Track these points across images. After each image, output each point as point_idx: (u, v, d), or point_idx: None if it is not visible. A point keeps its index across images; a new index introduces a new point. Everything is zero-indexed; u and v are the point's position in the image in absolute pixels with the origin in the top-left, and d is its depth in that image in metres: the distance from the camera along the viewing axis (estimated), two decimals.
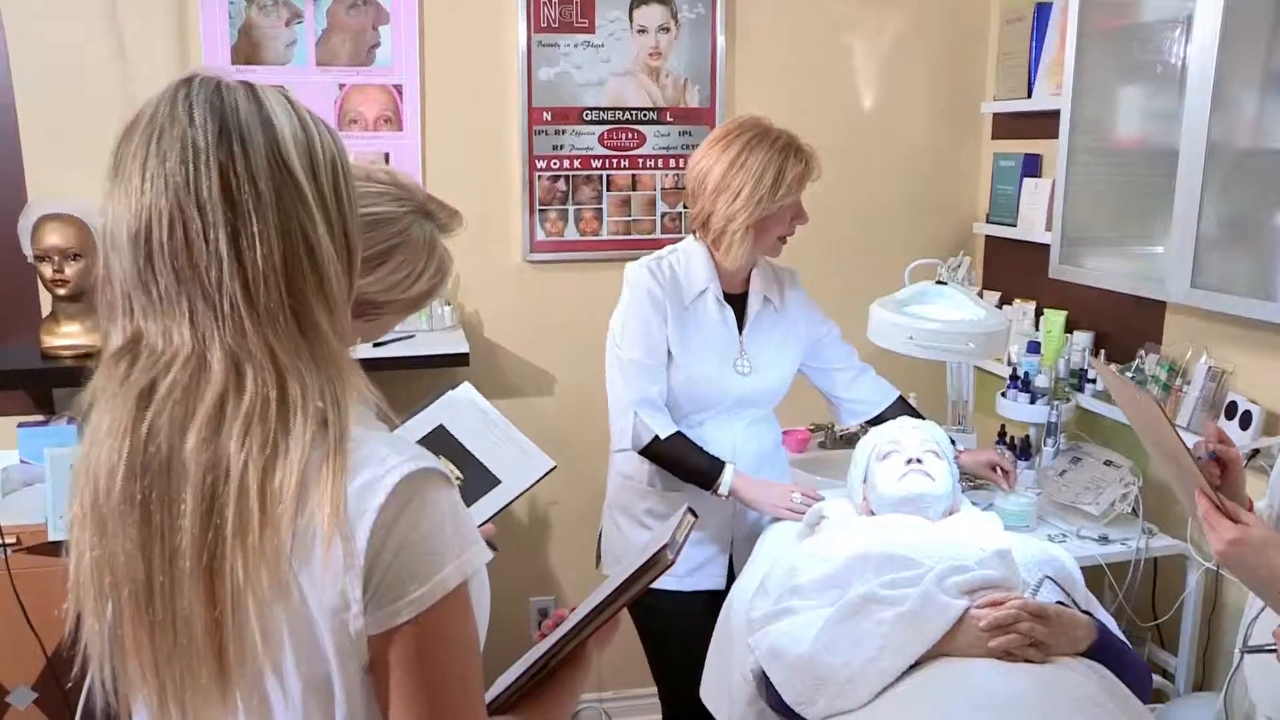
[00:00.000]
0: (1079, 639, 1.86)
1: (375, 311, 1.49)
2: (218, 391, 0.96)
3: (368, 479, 0.97)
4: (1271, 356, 2.38)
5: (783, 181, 2.27)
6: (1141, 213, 2.49)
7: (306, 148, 1.01)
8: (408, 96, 3.04)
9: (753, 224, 2.31)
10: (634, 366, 2.37)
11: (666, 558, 1.13)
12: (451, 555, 0.99)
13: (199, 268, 0.96)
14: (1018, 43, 3.16)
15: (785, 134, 2.33)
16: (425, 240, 1.50)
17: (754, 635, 1.98)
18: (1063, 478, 2.69)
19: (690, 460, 2.36)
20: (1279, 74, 2.18)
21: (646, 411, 2.34)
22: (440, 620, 0.98)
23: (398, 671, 0.98)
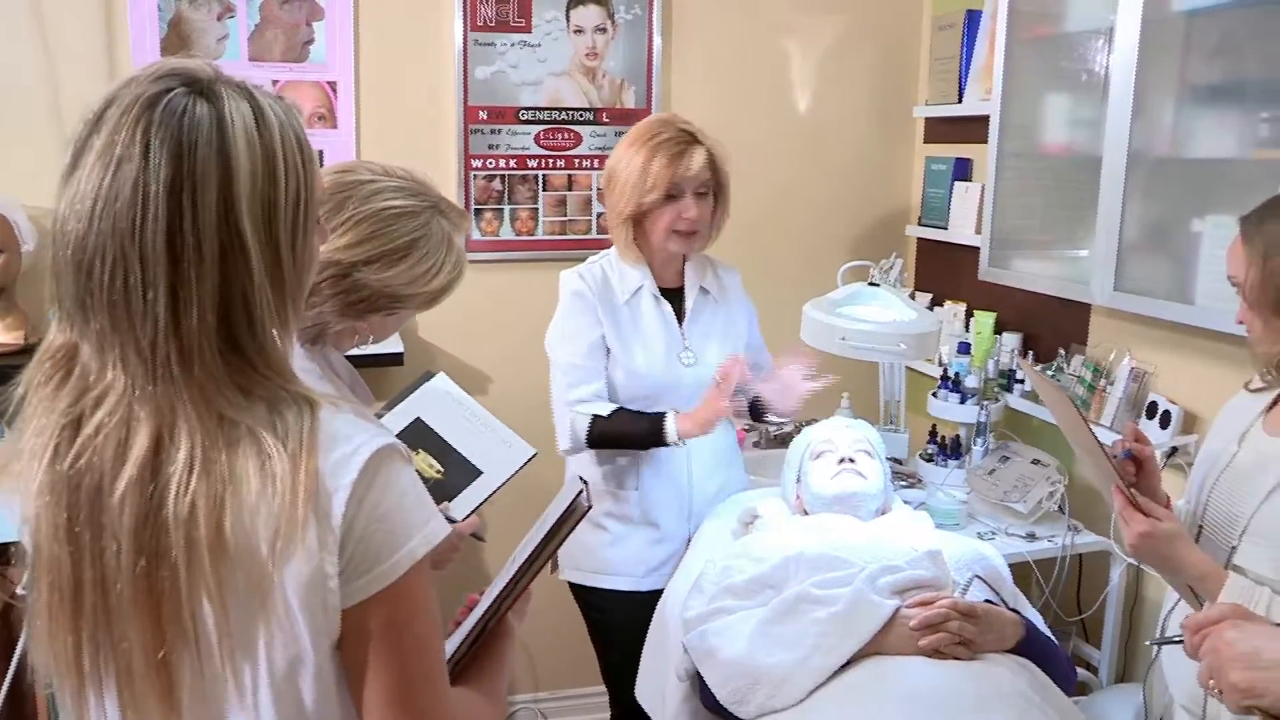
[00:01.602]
0: (1007, 636, 1.91)
1: (396, 306, 1.53)
2: (148, 446, 0.96)
3: (339, 457, 0.99)
4: (1190, 358, 2.45)
5: (648, 176, 2.29)
6: (1068, 217, 2.55)
7: (265, 195, 0.99)
8: (342, 94, 3.01)
9: (630, 218, 2.36)
10: (567, 369, 2.40)
11: (583, 504, 1.17)
12: (417, 527, 1.02)
13: (134, 323, 0.95)
14: (949, 48, 3.21)
15: (668, 130, 2.33)
16: (444, 235, 1.54)
17: (688, 635, 1.99)
18: (992, 476, 2.74)
19: (634, 427, 2.35)
20: (1195, 86, 2.25)
21: (584, 407, 2.36)
22: (408, 590, 1.01)
23: (370, 642, 1.00)
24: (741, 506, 2.40)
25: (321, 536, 0.97)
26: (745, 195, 3.23)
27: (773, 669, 1.83)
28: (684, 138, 2.32)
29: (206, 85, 0.99)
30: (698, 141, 2.34)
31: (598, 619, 2.56)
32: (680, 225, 2.33)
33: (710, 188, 2.38)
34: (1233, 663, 1.19)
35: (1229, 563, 1.72)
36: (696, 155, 2.31)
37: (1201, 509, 1.82)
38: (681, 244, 2.37)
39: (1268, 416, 1.78)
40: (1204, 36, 2.21)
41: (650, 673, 2.30)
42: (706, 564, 2.18)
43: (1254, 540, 1.69)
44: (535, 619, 3.48)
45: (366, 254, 1.48)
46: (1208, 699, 1.32)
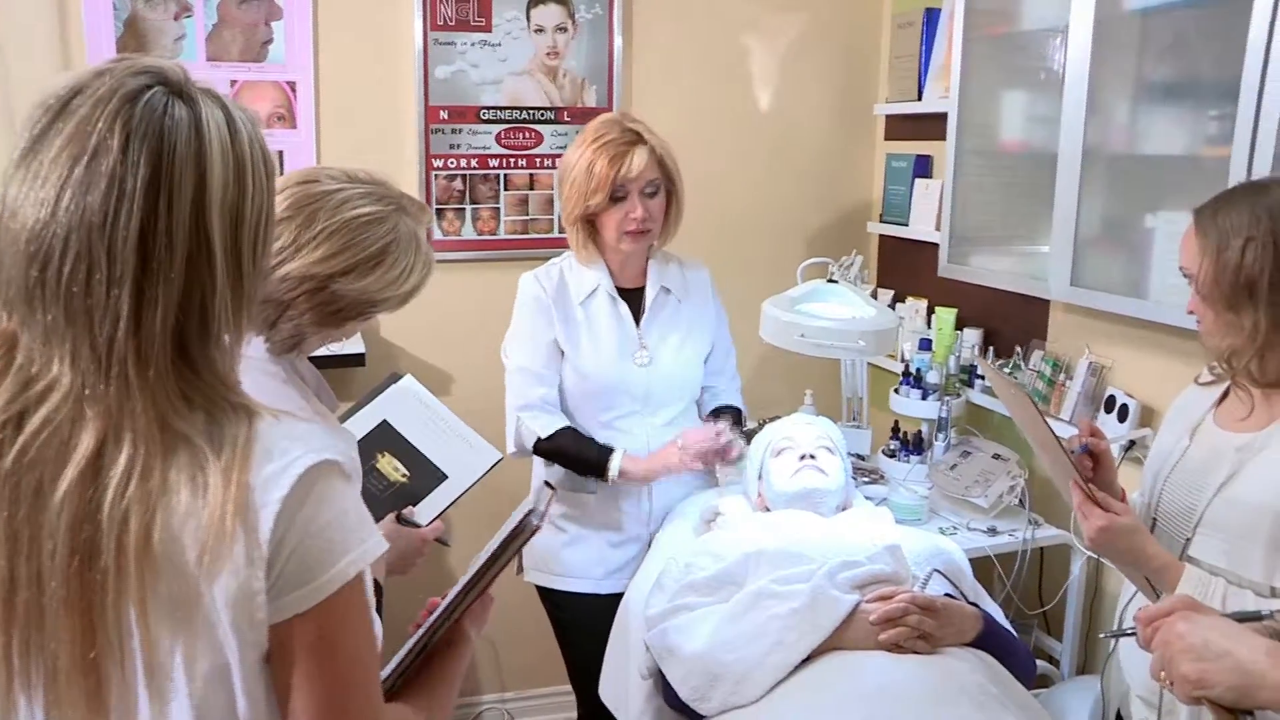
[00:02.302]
0: (966, 630, 1.92)
1: (373, 310, 1.53)
2: (92, 448, 0.95)
3: (271, 471, 0.97)
4: (1146, 352, 2.48)
5: (592, 178, 2.29)
6: (1026, 213, 2.57)
7: (234, 203, 0.99)
8: (302, 94, 2.99)
9: (580, 218, 2.37)
10: (518, 373, 2.42)
11: (532, 523, 1.16)
12: (352, 545, 1.00)
13: (93, 319, 0.94)
14: (908, 46, 3.23)
15: (612, 131, 2.32)
16: (411, 235, 1.54)
17: (650, 632, 2.00)
18: (953, 471, 2.76)
19: (578, 452, 2.38)
20: (1148, 84, 2.27)
21: (529, 414, 2.38)
22: (340, 608, 1.00)
23: (299, 659, 0.99)
24: (704, 504, 2.40)
25: (249, 551, 0.95)
26: (707, 194, 3.25)
27: (733, 665, 1.84)
28: (627, 137, 2.31)
29: (182, 87, 0.99)
30: (641, 141, 2.32)
31: (560, 619, 2.56)
32: (628, 226, 2.33)
33: (659, 185, 2.37)
34: (1183, 654, 1.20)
35: (1183, 554, 1.74)
36: (638, 155, 2.29)
37: (1155, 502, 1.84)
38: (633, 244, 2.37)
39: (1218, 410, 1.80)
40: (1155, 35, 2.24)
41: (614, 671, 2.30)
42: (668, 562, 2.18)
43: (1207, 532, 1.71)
44: (501, 619, 3.49)
45: (342, 265, 1.48)
46: (1163, 689, 1.33)
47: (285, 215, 1.48)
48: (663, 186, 2.38)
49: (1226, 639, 1.19)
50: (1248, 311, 1.65)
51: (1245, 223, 1.64)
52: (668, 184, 2.40)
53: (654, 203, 2.36)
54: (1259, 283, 1.63)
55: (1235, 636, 1.19)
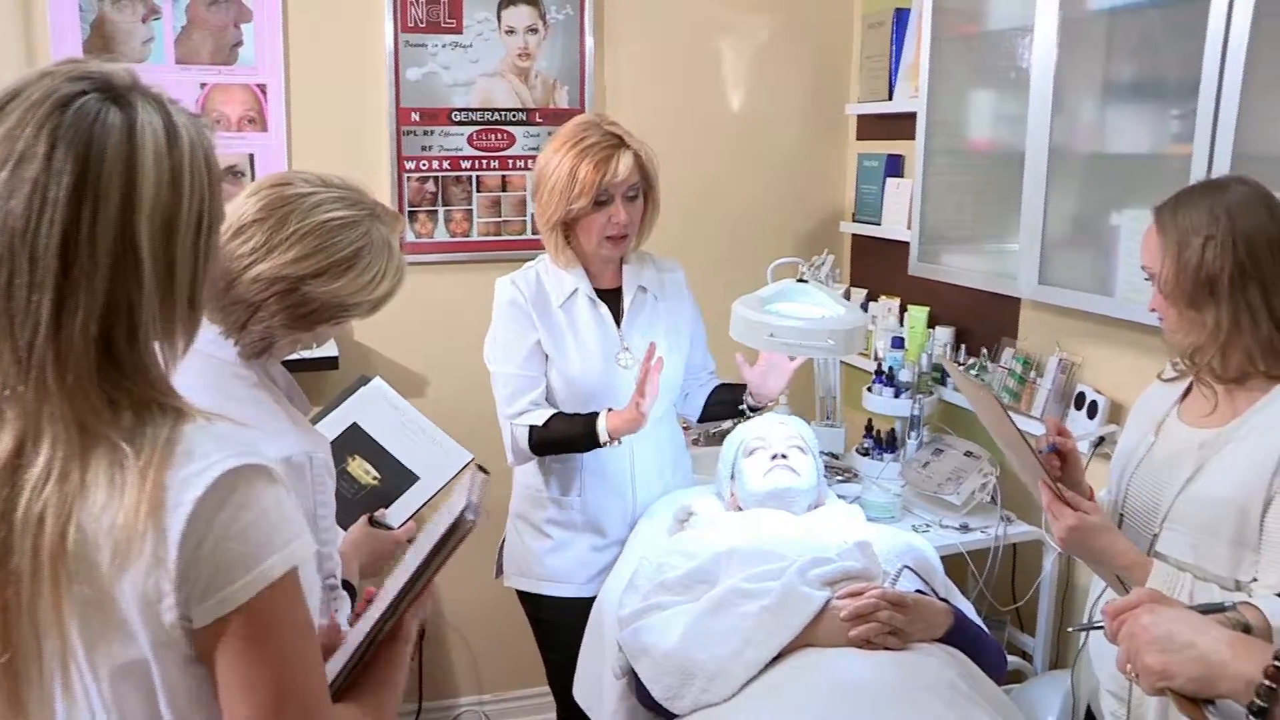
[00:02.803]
0: (937, 625, 1.93)
1: (344, 314, 1.53)
2: (10, 449, 0.95)
3: (189, 473, 0.97)
4: (1114, 349, 2.50)
5: (575, 182, 2.26)
6: (995, 212, 2.59)
7: (167, 211, 0.98)
8: (273, 96, 2.98)
9: (560, 223, 2.34)
10: (505, 381, 2.38)
11: (467, 521, 1.15)
12: (276, 546, 1.00)
13: (14, 323, 0.94)
14: (879, 46, 3.25)
15: (594, 134, 2.30)
16: (383, 241, 1.54)
17: (622, 632, 2.00)
18: (926, 469, 2.77)
19: (569, 430, 2.33)
20: (1112, 83, 2.29)
21: (521, 419, 2.35)
22: (268, 610, 0.99)
23: (231, 662, 0.99)
24: (677, 504, 2.40)
25: (157, 552, 0.95)
26: (680, 194, 3.25)
27: (705, 663, 1.84)
28: (611, 141, 2.29)
29: (122, 92, 0.98)
30: (625, 145, 2.30)
31: (541, 624, 2.56)
32: (611, 230, 2.31)
33: (640, 189, 2.35)
34: (1148, 646, 1.22)
35: (1151, 550, 1.75)
36: (624, 159, 2.27)
37: (1122, 499, 1.86)
38: (613, 249, 2.35)
39: (1182, 405, 1.82)
40: (1119, 34, 2.26)
41: (587, 672, 2.30)
42: (641, 561, 2.18)
43: (1174, 528, 1.72)
44: (479, 621, 3.51)
45: (313, 267, 1.47)
46: (1131, 683, 1.34)
47: (258, 217, 1.48)
48: (641, 189, 2.36)
49: (1190, 630, 1.20)
50: (1209, 309, 1.67)
51: (1205, 221, 1.66)
52: (646, 186, 2.38)
53: (634, 207, 2.34)
54: (1219, 280, 1.64)
55: (1198, 628, 1.21)
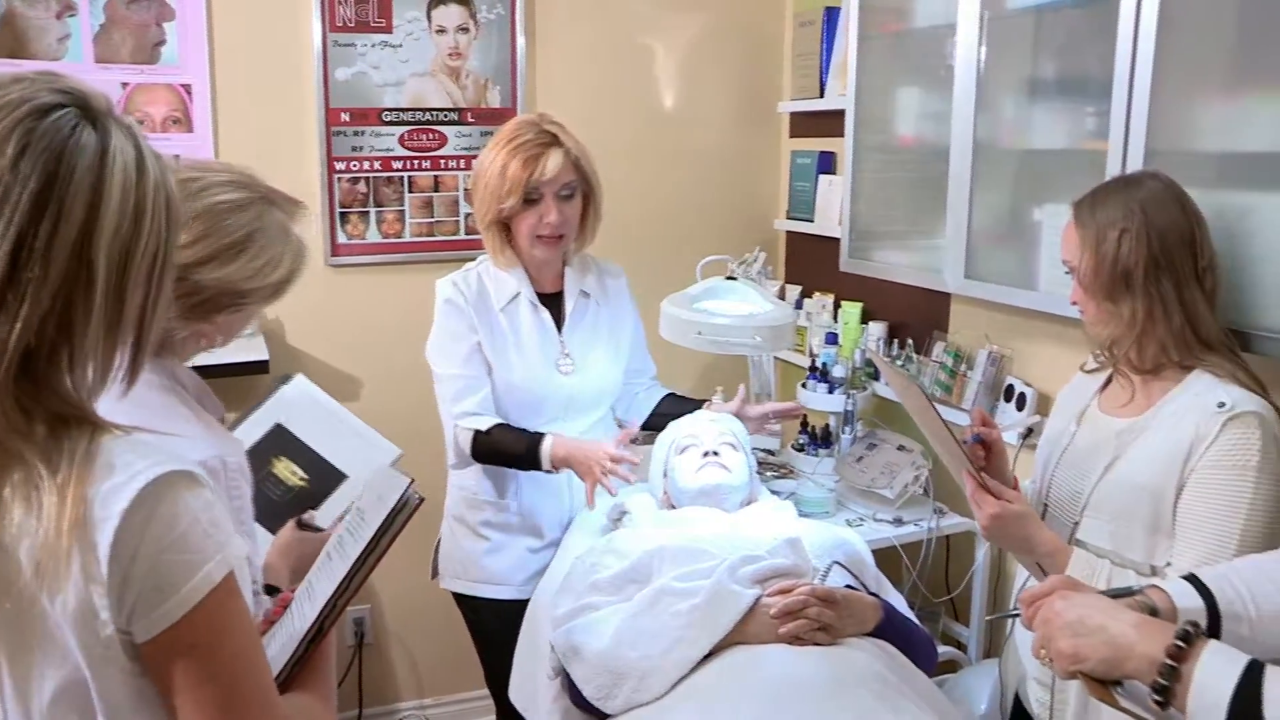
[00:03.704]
0: (866, 620, 1.95)
1: (241, 301, 1.48)
2: None
3: (111, 486, 0.96)
4: (1039, 342, 2.54)
5: (505, 180, 2.25)
6: (923, 208, 2.61)
7: (126, 242, 0.98)
8: (198, 96, 2.94)
9: (495, 223, 2.33)
10: (450, 380, 2.36)
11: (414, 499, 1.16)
12: (212, 550, 1.00)
13: None
14: (809, 44, 3.27)
15: (529, 133, 2.28)
16: (280, 225, 1.50)
17: (555, 633, 2.00)
18: (860, 464, 2.79)
19: (512, 447, 2.31)
20: (1034, 81, 2.32)
21: (466, 422, 2.33)
22: (212, 615, 0.99)
23: (181, 672, 0.99)
24: (611, 503, 2.40)
25: (87, 568, 0.94)
26: (614, 194, 3.23)
27: (637, 663, 1.84)
28: (543, 139, 2.27)
29: (98, 115, 0.98)
30: (558, 143, 2.28)
31: (479, 626, 2.55)
32: (542, 230, 2.29)
33: (577, 189, 2.33)
34: (1060, 631, 1.24)
35: (1072, 538, 1.79)
36: (552, 157, 2.25)
37: (1046, 488, 1.89)
38: (546, 249, 2.33)
39: (1102, 395, 1.86)
40: (1038, 33, 2.28)
41: (523, 673, 2.30)
42: (574, 562, 2.18)
43: (1093, 515, 1.76)
44: (418, 625, 3.48)
45: (202, 253, 1.43)
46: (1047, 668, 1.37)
47: None
48: (579, 190, 2.35)
49: (1100, 615, 1.22)
50: (1125, 301, 1.71)
51: (1120, 216, 1.70)
52: (584, 187, 2.36)
53: (569, 206, 2.32)
54: (1134, 273, 1.69)
55: (1108, 612, 1.23)
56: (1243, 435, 1.60)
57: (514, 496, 2.43)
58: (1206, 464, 1.62)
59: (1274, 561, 1.39)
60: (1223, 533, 1.59)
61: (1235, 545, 1.57)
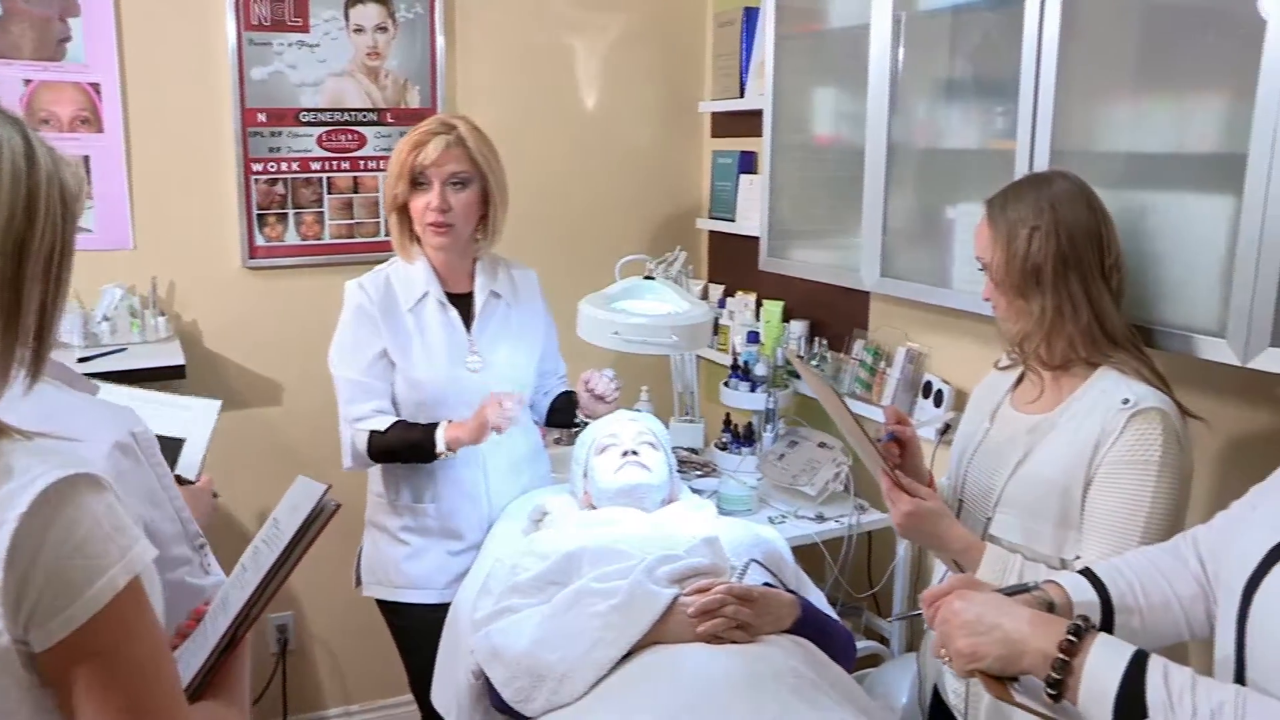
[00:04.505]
0: (784, 617, 1.96)
1: None
2: None
3: (7, 492, 0.94)
4: (956, 339, 2.57)
5: (396, 164, 2.31)
6: (840, 207, 2.63)
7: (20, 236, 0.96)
8: (107, 95, 2.87)
9: (395, 209, 2.37)
10: (347, 386, 2.36)
11: (330, 505, 1.15)
12: (115, 555, 0.97)
13: None
14: (729, 44, 3.29)
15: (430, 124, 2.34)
16: None
17: (475, 636, 1.99)
18: (781, 461, 2.81)
19: (407, 437, 2.32)
20: (945, 81, 2.35)
21: (363, 424, 2.33)
22: (117, 619, 0.97)
23: (83, 681, 0.96)
24: (532, 504, 2.40)
25: None
26: (535, 194, 3.24)
27: (555, 665, 1.84)
28: (437, 128, 2.32)
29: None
30: (451, 131, 2.32)
31: (403, 632, 2.53)
32: (428, 216, 2.31)
33: (471, 181, 2.34)
34: (958, 630, 1.25)
35: (985, 533, 1.81)
36: (435, 142, 2.29)
37: (961, 484, 1.91)
38: (435, 237, 2.35)
39: (1015, 393, 1.89)
40: (948, 34, 2.31)
41: (444, 677, 2.28)
42: (494, 564, 2.17)
43: (1006, 511, 1.78)
44: (342, 631, 3.45)
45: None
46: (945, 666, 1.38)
47: None
48: (474, 183, 2.35)
49: (996, 613, 1.24)
50: (1035, 297, 1.73)
51: (1031, 213, 1.73)
52: (482, 182, 2.37)
53: (460, 196, 2.33)
54: (1044, 270, 1.71)
55: (1004, 610, 1.25)
56: (1146, 431, 1.63)
57: (432, 500, 2.41)
58: (1111, 459, 1.65)
59: (1164, 554, 1.43)
60: (1127, 526, 1.62)
61: (1139, 538, 1.60)
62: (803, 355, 2.97)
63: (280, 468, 2.91)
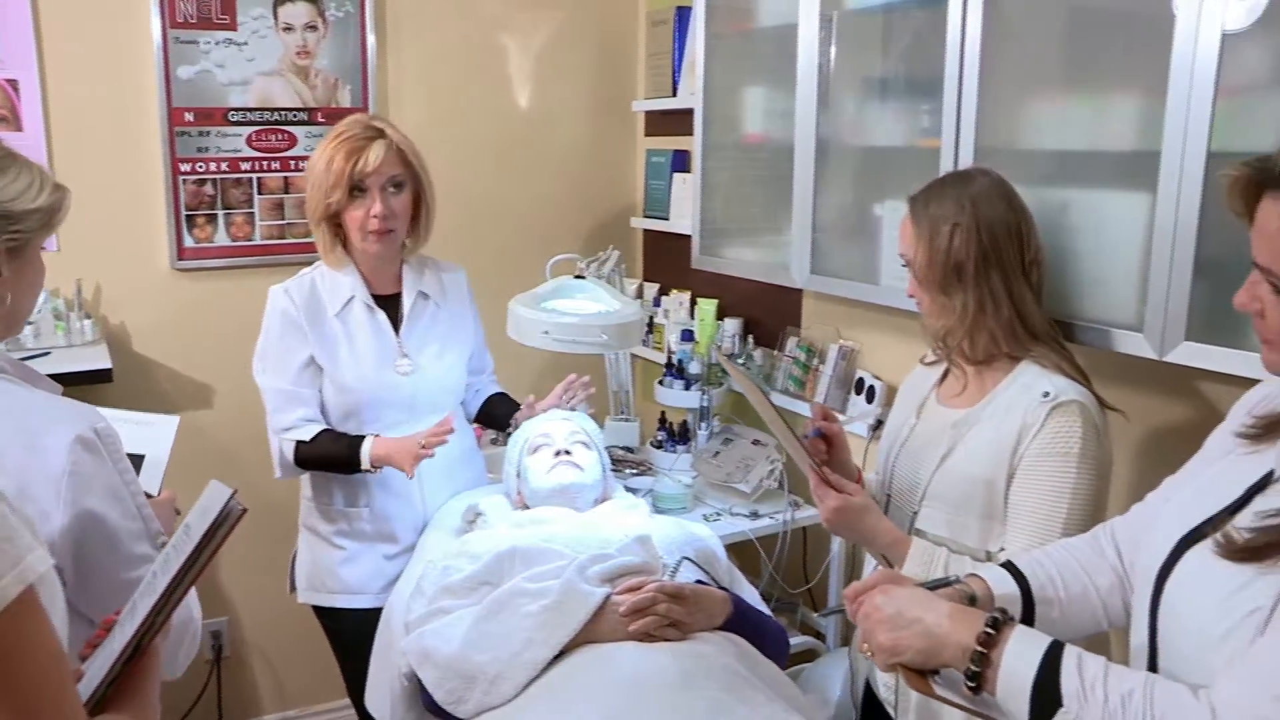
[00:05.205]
0: (716, 614, 1.97)
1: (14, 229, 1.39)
2: None
3: None
4: (885, 335, 2.60)
5: (330, 173, 2.25)
6: (771, 205, 2.65)
7: None
8: (26, 94, 2.81)
9: (325, 219, 2.32)
10: (274, 394, 2.34)
11: (236, 509, 1.13)
12: (5, 567, 0.94)
13: None
14: (662, 43, 3.29)
15: (355, 128, 2.28)
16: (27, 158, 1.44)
17: (406, 638, 1.97)
18: (716, 459, 2.82)
19: (333, 449, 2.31)
20: (872, 80, 2.38)
21: (290, 434, 2.31)
22: (10, 630, 0.94)
23: None
24: (466, 505, 2.39)
25: None
26: (468, 193, 3.23)
27: (487, 666, 1.83)
28: (369, 133, 2.28)
29: None
30: (383, 135, 2.28)
31: (339, 636, 2.51)
32: (370, 223, 2.28)
33: (405, 183, 2.32)
34: (880, 625, 1.27)
35: (912, 527, 1.83)
36: (375, 149, 2.25)
37: (888, 479, 1.94)
38: (377, 243, 2.31)
39: (940, 387, 1.91)
40: (875, 33, 2.34)
41: (378, 680, 2.26)
42: (427, 566, 2.16)
43: (932, 504, 1.81)
44: (280, 637, 3.41)
45: None
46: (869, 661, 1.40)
47: None
48: (409, 185, 2.34)
49: (917, 607, 1.26)
50: (958, 293, 1.76)
51: (953, 210, 1.75)
52: (414, 183, 2.35)
53: (397, 200, 2.31)
54: (966, 266, 1.74)
55: (925, 604, 1.26)
56: (1066, 424, 1.66)
57: (366, 504, 2.40)
58: (1033, 452, 1.67)
59: (1083, 545, 1.46)
60: (1049, 518, 1.65)
61: (1060, 530, 1.63)
62: (731, 354, 2.99)
63: (213, 473, 2.81)
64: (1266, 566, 1.05)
